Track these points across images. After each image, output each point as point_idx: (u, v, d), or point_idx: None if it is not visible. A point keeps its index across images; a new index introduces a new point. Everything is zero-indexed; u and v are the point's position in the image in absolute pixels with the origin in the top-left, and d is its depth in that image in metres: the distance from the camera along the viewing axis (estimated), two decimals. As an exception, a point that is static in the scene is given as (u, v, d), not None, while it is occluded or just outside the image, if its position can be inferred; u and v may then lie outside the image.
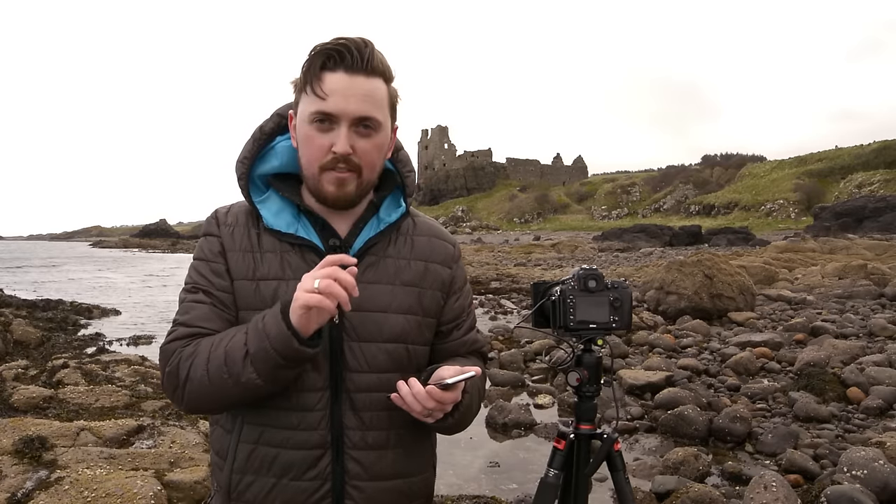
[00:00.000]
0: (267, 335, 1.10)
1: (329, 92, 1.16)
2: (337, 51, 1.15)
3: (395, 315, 1.26)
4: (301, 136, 1.21)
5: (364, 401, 1.22)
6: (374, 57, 1.17)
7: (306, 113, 1.19)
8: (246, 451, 1.23)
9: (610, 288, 1.55)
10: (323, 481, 1.21)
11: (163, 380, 1.23)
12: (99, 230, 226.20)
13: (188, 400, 1.20)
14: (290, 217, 1.26)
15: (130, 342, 9.74)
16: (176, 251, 60.94)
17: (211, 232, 1.29)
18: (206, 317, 1.22)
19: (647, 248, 35.09)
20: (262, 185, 1.30)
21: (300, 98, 1.21)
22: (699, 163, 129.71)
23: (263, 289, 1.22)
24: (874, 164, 73.02)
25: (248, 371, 1.12)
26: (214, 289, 1.24)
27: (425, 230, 1.36)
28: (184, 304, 1.25)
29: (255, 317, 1.16)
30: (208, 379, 1.15)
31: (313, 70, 1.17)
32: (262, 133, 1.29)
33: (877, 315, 9.05)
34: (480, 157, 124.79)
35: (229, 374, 1.13)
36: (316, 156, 1.19)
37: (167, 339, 1.22)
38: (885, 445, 3.96)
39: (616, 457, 1.61)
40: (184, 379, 1.17)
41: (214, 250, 1.26)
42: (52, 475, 3.20)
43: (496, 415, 5.38)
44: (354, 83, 1.16)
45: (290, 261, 1.24)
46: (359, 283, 1.21)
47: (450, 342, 1.37)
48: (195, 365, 1.16)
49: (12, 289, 16.58)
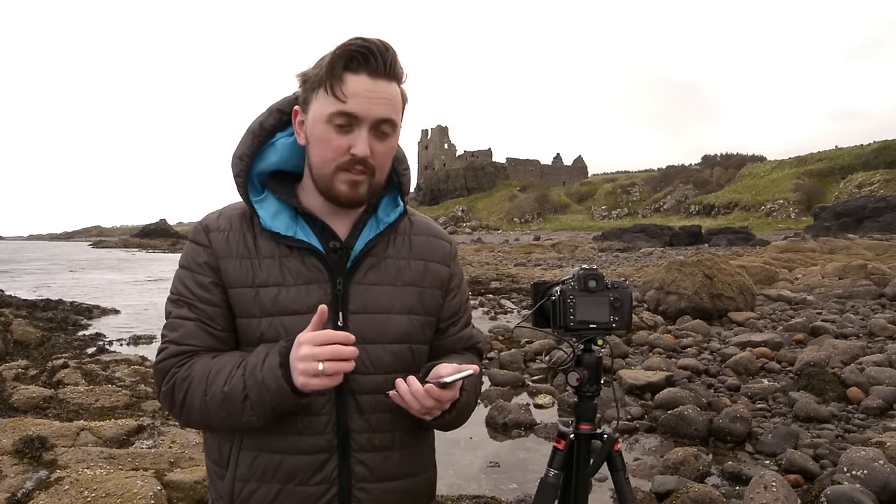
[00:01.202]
0: (266, 388, 1.11)
1: (351, 94, 1.14)
2: (361, 53, 1.13)
3: (399, 316, 1.26)
4: (315, 136, 1.19)
5: (370, 402, 1.22)
6: (396, 61, 1.17)
7: (324, 113, 1.16)
8: (249, 459, 1.21)
9: (610, 288, 1.55)
10: (329, 485, 1.20)
11: (159, 396, 1.25)
12: (99, 230, 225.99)
13: (187, 421, 1.23)
14: (289, 219, 1.24)
15: (130, 342, 9.74)
16: (176, 251, 60.88)
17: (197, 241, 1.25)
18: (194, 334, 1.21)
19: (647, 248, 35.08)
20: (258, 185, 1.27)
21: (313, 96, 1.18)
22: (699, 163, 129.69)
23: (263, 296, 1.20)
24: (874, 164, 73.01)
25: (248, 414, 1.14)
26: (199, 302, 1.22)
27: (423, 229, 1.36)
28: (171, 319, 1.24)
29: (251, 359, 1.15)
30: (207, 412, 1.17)
31: (336, 70, 1.14)
32: (263, 129, 1.26)
33: (877, 315, 9.05)
34: (480, 157, 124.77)
35: (228, 414, 1.16)
36: (332, 156, 1.18)
37: (158, 356, 1.23)
38: (885, 445, 3.96)
39: (616, 457, 1.60)
40: (180, 402, 1.19)
41: (199, 260, 1.23)
42: (52, 475, 3.20)
43: (496, 415, 5.38)
44: (377, 87, 1.15)
45: (290, 266, 1.22)
46: (361, 284, 1.23)
47: (447, 339, 1.37)
48: (192, 393, 1.17)
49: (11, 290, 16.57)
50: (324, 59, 1.17)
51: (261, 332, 1.20)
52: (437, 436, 1.41)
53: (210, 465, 1.29)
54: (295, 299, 1.20)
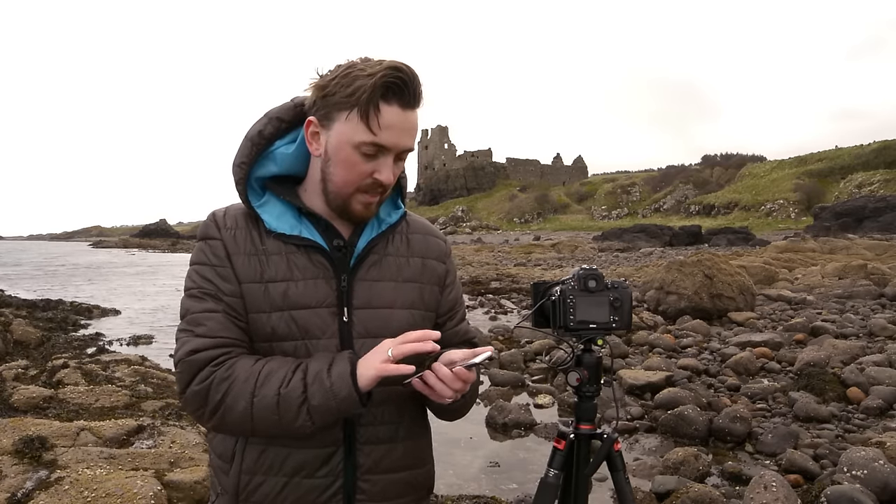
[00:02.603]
0: (335, 395, 1.13)
1: (385, 126, 1.16)
2: (397, 84, 1.15)
3: (401, 310, 1.30)
4: (340, 158, 1.20)
5: (376, 396, 1.23)
6: (421, 89, 1.19)
7: (354, 140, 1.17)
8: (255, 452, 1.23)
9: (610, 288, 1.55)
10: (335, 478, 1.23)
11: (184, 394, 1.19)
12: (99, 230, 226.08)
13: (219, 423, 1.19)
14: (293, 220, 1.27)
15: (130, 342, 9.74)
16: (176, 251, 60.94)
17: (211, 235, 1.26)
18: (224, 325, 1.20)
19: (647, 248, 35.08)
20: (258, 188, 1.29)
21: (339, 115, 1.18)
22: (699, 163, 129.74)
23: (272, 291, 1.22)
24: (874, 164, 73.02)
25: (303, 418, 1.14)
26: (224, 294, 1.21)
27: (419, 228, 1.42)
28: (194, 314, 1.21)
29: (312, 365, 1.17)
30: (251, 414, 1.15)
31: (373, 101, 1.15)
32: (262, 137, 1.27)
33: (877, 315, 9.05)
34: (480, 157, 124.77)
35: (279, 418, 1.14)
36: (355, 180, 1.21)
37: (186, 350, 1.18)
38: (885, 445, 3.96)
39: (616, 457, 1.60)
40: (216, 403, 1.16)
41: (219, 254, 1.23)
42: (52, 475, 3.20)
43: (496, 415, 5.38)
44: (407, 119, 1.18)
45: (297, 261, 1.24)
46: (365, 281, 1.27)
47: (445, 333, 1.40)
48: (235, 394, 1.15)
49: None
50: (351, 77, 1.16)
51: (272, 327, 1.22)
52: (436, 436, 1.44)
53: (215, 461, 1.30)
54: (304, 293, 1.23)
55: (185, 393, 1.18)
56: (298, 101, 1.29)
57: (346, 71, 1.17)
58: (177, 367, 1.20)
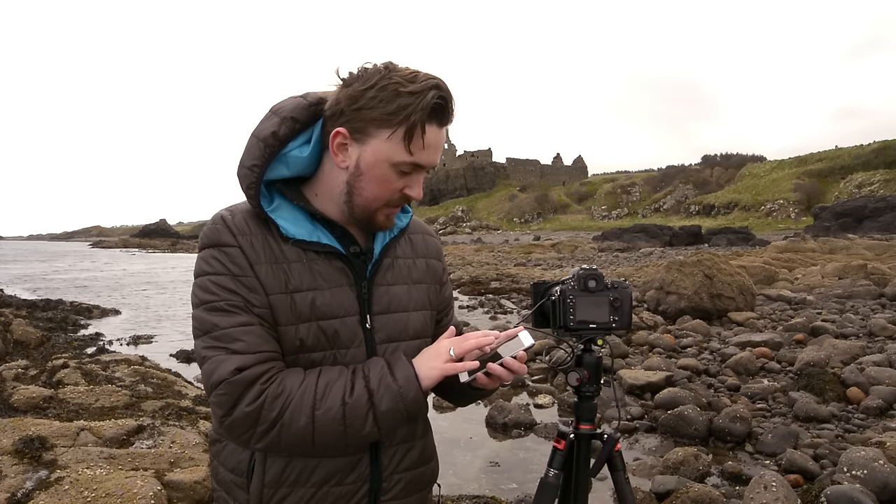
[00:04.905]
0: (403, 397, 1.14)
1: (426, 146, 1.16)
2: (440, 105, 1.13)
3: (415, 313, 1.32)
4: (374, 174, 1.16)
5: None
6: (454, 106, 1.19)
7: (393, 159, 1.15)
8: (280, 465, 1.20)
9: (610, 288, 1.55)
10: (363, 482, 1.24)
11: (230, 416, 1.10)
12: (99, 230, 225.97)
13: (273, 443, 1.12)
14: (308, 224, 1.22)
15: (130, 342, 9.75)
16: (176, 251, 60.95)
17: (226, 242, 1.15)
18: (264, 339, 1.13)
19: (647, 248, 35.07)
20: (265, 192, 1.21)
21: (377, 132, 1.13)
22: (699, 163, 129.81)
23: (299, 301, 1.17)
24: (874, 164, 73.05)
25: (370, 425, 1.14)
26: (254, 306, 1.13)
27: (417, 228, 1.43)
28: (225, 329, 1.11)
29: (372, 370, 1.16)
30: (313, 427, 1.10)
31: (420, 124, 1.12)
32: (276, 139, 1.17)
33: (877, 315, 9.04)
34: (480, 157, 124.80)
35: (346, 428, 1.12)
36: (385, 196, 1.20)
37: (229, 369, 1.08)
38: (885, 445, 3.96)
39: (616, 457, 1.60)
40: (272, 422, 1.09)
41: (240, 263, 1.14)
42: (52, 475, 3.20)
43: (496, 415, 5.38)
44: (440, 137, 1.18)
45: (320, 269, 1.20)
46: (382, 286, 1.27)
47: (440, 328, 1.43)
48: (294, 409, 1.10)
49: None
50: (391, 92, 1.11)
51: (300, 339, 1.17)
52: (437, 436, 1.47)
53: (226, 476, 1.25)
54: (331, 303, 1.19)
55: (231, 415, 1.09)
56: (313, 100, 1.20)
57: (382, 83, 1.11)
58: (217, 389, 1.09)
